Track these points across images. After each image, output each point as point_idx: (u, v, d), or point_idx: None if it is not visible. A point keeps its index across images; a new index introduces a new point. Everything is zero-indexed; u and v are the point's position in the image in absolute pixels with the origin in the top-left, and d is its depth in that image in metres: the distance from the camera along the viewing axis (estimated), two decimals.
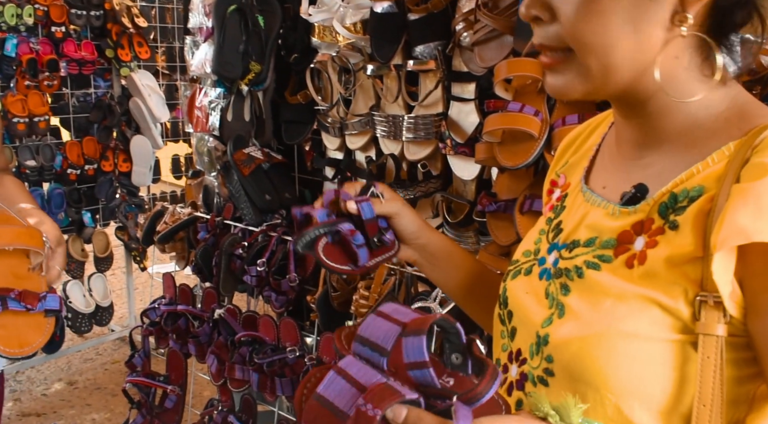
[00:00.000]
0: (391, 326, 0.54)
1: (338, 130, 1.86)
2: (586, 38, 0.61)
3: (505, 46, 1.43)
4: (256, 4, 1.92)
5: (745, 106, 0.63)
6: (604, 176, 0.73)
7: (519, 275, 0.78)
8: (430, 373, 0.51)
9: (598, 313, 0.63)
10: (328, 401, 0.52)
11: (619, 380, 0.59)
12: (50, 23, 3.22)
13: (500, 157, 1.30)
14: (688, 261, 0.58)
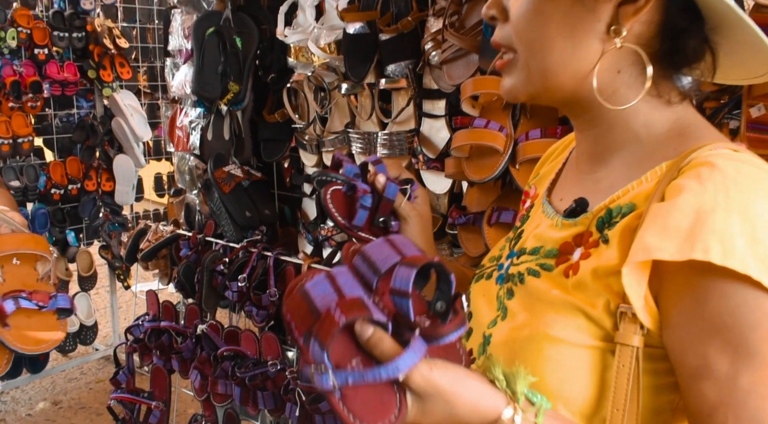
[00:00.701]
0: (393, 253, 0.58)
1: (315, 147, 1.90)
2: (527, 39, 0.66)
3: (472, 64, 1.48)
4: (234, 26, 1.97)
5: (687, 129, 0.66)
6: (563, 189, 0.77)
7: (481, 279, 0.82)
8: (407, 303, 0.55)
9: (531, 317, 0.66)
10: (310, 297, 0.55)
11: (544, 382, 0.62)
12: (33, 45, 3.26)
13: (468, 172, 1.35)
14: (612, 274, 0.60)
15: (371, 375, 0.53)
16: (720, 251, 0.53)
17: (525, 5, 0.65)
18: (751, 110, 1.27)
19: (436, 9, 1.58)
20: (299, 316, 0.56)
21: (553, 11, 0.64)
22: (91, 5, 3.41)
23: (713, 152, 0.60)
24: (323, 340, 0.52)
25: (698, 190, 0.56)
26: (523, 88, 0.69)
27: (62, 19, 3.35)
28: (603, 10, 0.63)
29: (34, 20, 3.27)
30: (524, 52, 0.67)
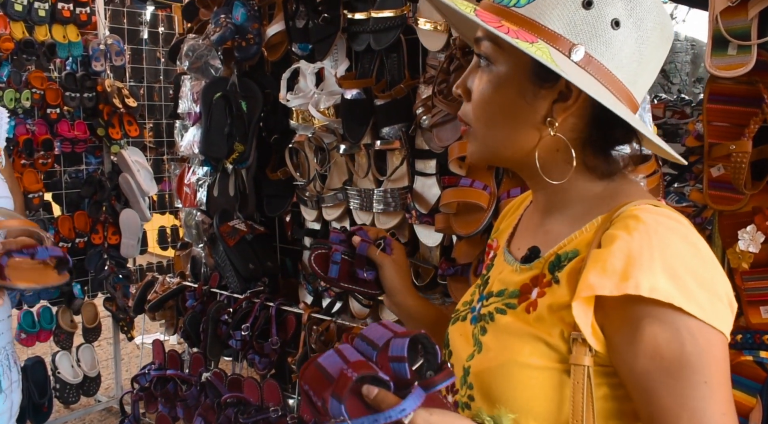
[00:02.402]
0: (387, 332, 0.71)
1: (315, 203, 2.03)
2: (480, 119, 0.80)
3: (459, 128, 1.60)
4: (240, 91, 2.12)
5: (618, 188, 0.81)
6: (520, 240, 0.91)
7: (457, 321, 0.94)
8: (404, 366, 0.67)
9: (503, 348, 0.79)
10: (323, 367, 0.68)
11: (516, 400, 0.75)
12: (46, 105, 3.41)
13: (455, 227, 1.47)
14: (564, 308, 0.74)
15: (382, 417, 0.65)
16: (648, 286, 0.66)
17: (481, 92, 0.79)
18: (712, 170, 1.40)
19: (427, 77, 1.73)
20: (315, 384, 0.68)
21: (501, 101, 0.78)
22: (102, 67, 3.58)
23: (638, 207, 0.73)
24: (340, 394, 0.65)
25: (627, 239, 0.69)
26: (478, 155, 0.83)
27: (74, 80, 3.51)
28: (540, 105, 0.77)
29: (48, 81, 3.44)
30: (478, 129, 0.81)
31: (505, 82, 0.77)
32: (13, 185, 1.29)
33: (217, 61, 2.15)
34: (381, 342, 0.70)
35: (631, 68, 0.75)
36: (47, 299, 3.51)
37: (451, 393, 0.87)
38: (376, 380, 0.68)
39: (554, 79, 0.74)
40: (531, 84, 0.76)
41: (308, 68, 1.97)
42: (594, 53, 0.73)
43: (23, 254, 1.02)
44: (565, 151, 0.79)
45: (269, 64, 2.17)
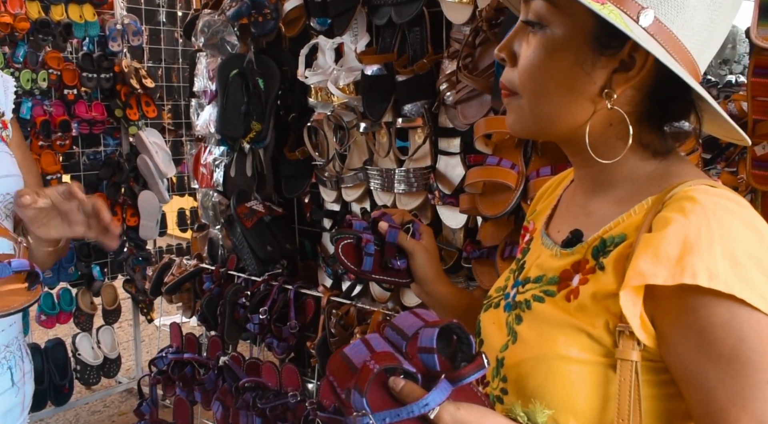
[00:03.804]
0: (417, 321, 0.67)
1: (335, 183, 1.97)
2: (529, 88, 0.73)
3: (485, 104, 1.55)
4: (257, 68, 2.06)
5: (671, 168, 0.74)
6: (560, 222, 0.84)
7: (489, 308, 0.88)
8: (433, 358, 0.63)
9: (540, 339, 0.73)
10: (348, 358, 0.65)
11: (555, 396, 0.69)
12: (63, 86, 3.39)
13: (481, 208, 1.40)
14: (609, 297, 0.67)
15: (405, 412, 0.61)
16: (706, 276, 0.60)
17: (532, 57, 0.72)
18: (756, 149, 1.31)
19: (451, 52, 1.66)
20: (340, 375, 0.65)
21: (555, 68, 0.70)
22: (119, 47, 3.54)
23: (694, 187, 0.67)
24: (361, 387, 0.60)
25: (683, 223, 0.63)
26: (522, 126, 0.76)
27: (91, 60, 3.48)
28: (598, 74, 0.69)
29: (64, 62, 3.41)
30: (525, 98, 0.74)
31: (561, 48, 0.70)
32: (25, 162, 1.19)
33: (233, 37, 2.08)
34: (411, 332, 0.66)
35: (701, 37, 0.68)
36: (67, 280, 3.51)
37: (482, 385, 0.81)
38: (403, 372, 0.63)
39: (618, 45, 0.68)
40: (590, 50, 0.69)
41: (327, 44, 1.90)
42: (664, 18, 0.66)
43: None
44: (620, 126, 0.72)
45: (287, 40, 2.11)
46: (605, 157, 0.73)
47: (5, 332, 1.13)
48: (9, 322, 1.11)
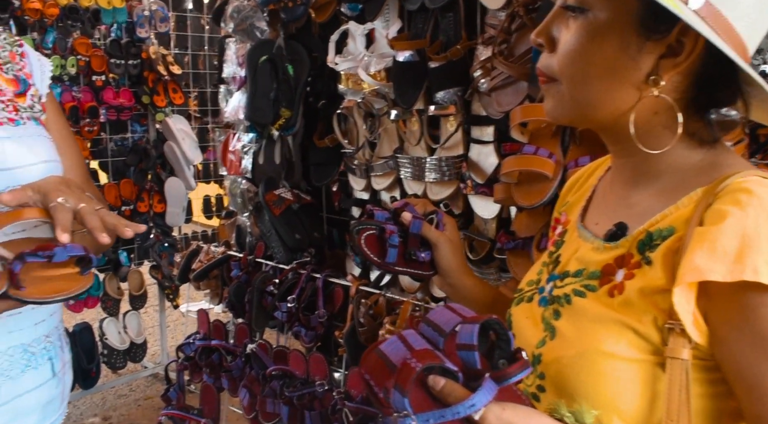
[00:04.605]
0: (454, 316, 0.64)
1: (364, 171, 1.95)
2: (569, 74, 0.70)
3: (521, 91, 1.51)
4: (286, 54, 2.04)
5: (719, 158, 0.71)
6: (597, 214, 0.82)
7: (522, 302, 0.86)
8: (474, 355, 0.61)
9: (582, 335, 0.70)
10: (385, 355, 0.62)
11: (598, 395, 0.66)
12: (91, 72, 3.41)
13: (517, 197, 1.37)
14: (658, 293, 0.65)
15: (450, 413, 0.58)
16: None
17: (573, 43, 0.69)
18: None
19: (486, 38, 1.62)
20: (377, 373, 0.63)
21: (598, 54, 0.68)
22: (146, 33, 3.54)
23: (747, 179, 0.64)
24: (403, 386, 0.58)
25: (740, 215, 0.60)
26: (562, 113, 0.74)
27: (119, 47, 3.49)
28: (645, 60, 0.67)
29: (93, 48, 3.42)
30: (565, 84, 0.71)
31: (604, 33, 0.67)
32: (64, 144, 1.15)
33: (262, 22, 2.06)
34: (448, 328, 0.63)
35: (750, 20, 0.65)
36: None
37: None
38: (444, 370, 0.60)
39: (665, 30, 0.65)
40: (636, 35, 0.66)
41: (358, 30, 1.87)
42: (714, 0, 0.63)
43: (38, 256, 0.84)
44: (666, 114, 0.69)
45: (317, 26, 2.08)
46: (650, 147, 0.70)
47: (46, 321, 1.12)
48: (50, 311, 1.10)
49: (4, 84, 1.09)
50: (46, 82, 1.17)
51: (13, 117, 1.07)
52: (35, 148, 1.07)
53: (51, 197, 0.89)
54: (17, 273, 0.82)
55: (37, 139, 1.09)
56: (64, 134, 1.19)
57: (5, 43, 1.14)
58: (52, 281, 0.86)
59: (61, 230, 0.85)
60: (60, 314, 1.17)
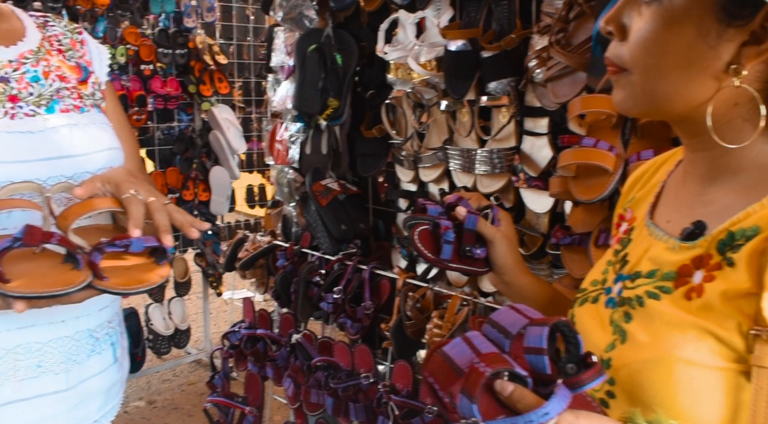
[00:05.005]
0: (521, 318, 0.61)
1: (412, 163, 1.92)
2: (642, 64, 0.66)
3: (579, 82, 1.46)
4: (335, 44, 2.02)
5: None
6: (668, 211, 0.77)
7: (586, 303, 0.82)
8: (544, 359, 0.58)
9: (657, 340, 0.66)
10: (450, 357, 0.60)
11: (676, 404, 0.63)
12: (139, 62, 3.45)
13: (575, 191, 1.33)
14: (742, 297, 0.61)
15: (521, 421, 0.55)
16: None
17: (646, 31, 0.65)
18: None
19: (541, 26, 1.57)
20: (441, 376, 0.60)
21: (674, 43, 0.64)
22: (193, 23, 3.57)
23: None
24: (471, 392, 0.56)
25: None
26: (633, 105, 0.70)
27: (167, 36, 3.53)
28: (725, 48, 0.62)
29: (141, 38, 3.46)
30: (637, 75, 0.67)
31: (680, 19, 0.63)
32: (122, 132, 1.16)
33: (311, 11, 2.05)
34: (514, 330, 0.60)
35: None
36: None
37: None
38: (512, 375, 0.58)
39: (749, 15, 0.60)
40: (716, 21, 0.61)
41: (408, 18, 1.84)
42: None
43: (116, 246, 0.84)
44: (748, 105, 0.65)
45: (366, 15, 2.05)
46: (728, 141, 0.66)
47: (109, 308, 1.13)
48: (111, 298, 1.11)
49: (68, 71, 1.10)
50: (104, 70, 1.18)
51: (78, 104, 1.08)
52: (99, 136, 1.08)
53: (123, 189, 0.90)
54: (98, 264, 0.82)
55: (100, 127, 1.09)
56: (122, 122, 1.20)
57: (66, 30, 1.14)
58: (130, 271, 0.86)
59: (134, 225, 0.86)
60: (119, 301, 1.18)
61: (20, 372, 1.00)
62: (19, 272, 0.82)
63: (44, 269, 0.84)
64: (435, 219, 0.96)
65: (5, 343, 0.99)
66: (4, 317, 0.97)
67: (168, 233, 0.89)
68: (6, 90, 1.00)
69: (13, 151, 0.97)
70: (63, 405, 1.06)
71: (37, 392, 1.02)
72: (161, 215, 0.90)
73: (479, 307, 1.62)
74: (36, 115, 1.02)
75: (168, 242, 0.89)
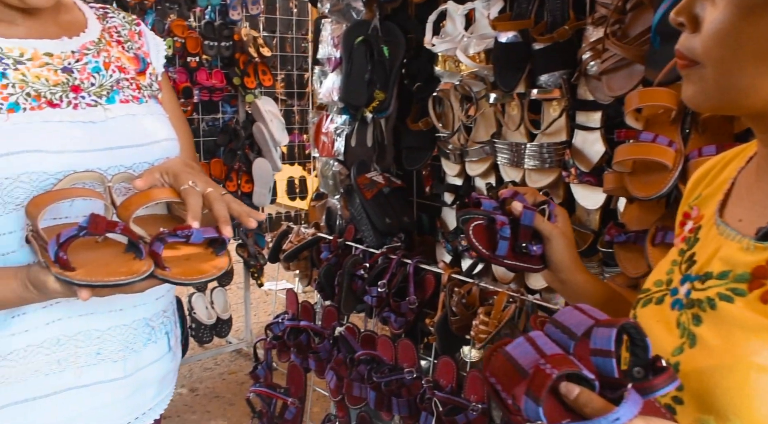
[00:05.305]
0: (586, 318, 0.59)
1: (458, 156, 1.90)
2: (717, 57, 0.63)
3: (635, 75, 1.42)
4: (382, 35, 2.01)
5: None
6: (740, 210, 0.74)
7: (650, 304, 0.79)
8: (612, 362, 0.56)
9: (730, 345, 0.63)
10: (513, 358, 0.58)
11: (752, 412, 0.60)
12: (186, 54, 3.49)
13: (631, 188, 1.29)
14: None
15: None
16: None
17: (722, 21, 0.62)
18: None
19: (596, 17, 1.53)
20: (504, 377, 0.59)
21: (751, 33, 0.61)
22: (239, 16, 3.60)
23: None
24: (537, 395, 0.54)
25: None
26: (705, 100, 0.67)
27: (212, 29, 3.56)
28: None
29: (188, 30, 3.50)
30: (711, 68, 0.64)
31: (760, 9, 0.60)
32: (177, 123, 1.16)
33: (358, 2, 2.03)
34: (579, 330, 0.58)
35: None
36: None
37: None
38: (577, 377, 0.56)
39: None
40: None
41: (457, 10, 1.81)
42: None
43: (177, 237, 0.84)
44: None
45: (413, 6, 2.03)
46: None
47: (164, 297, 1.14)
48: (167, 287, 1.12)
49: (127, 62, 1.10)
50: (161, 61, 1.19)
51: (137, 95, 1.09)
52: (157, 127, 1.09)
53: (181, 180, 0.91)
54: (160, 254, 0.82)
55: (158, 118, 1.10)
56: (177, 114, 1.20)
57: (124, 21, 1.15)
58: (190, 262, 0.86)
59: (192, 217, 0.87)
60: (174, 291, 1.19)
61: (80, 359, 1.02)
62: (83, 260, 0.83)
63: (107, 258, 0.85)
64: (490, 214, 0.95)
65: (67, 329, 1.00)
66: (67, 304, 0.99)
67: (227, 223, 0.89)
68: (69, 80, 1.01)
69: (76, 141, 0.98)
70: (121, 393, 1.07)
71: (96, 379, 1.04)
72: (220, 206, 0.90)
73: (527, 304, 1.59)
74: (97, 106, 1.03)
75: (227, 233, 0.89)
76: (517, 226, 0.94)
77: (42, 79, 0.98)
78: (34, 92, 0.96)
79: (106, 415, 1.06)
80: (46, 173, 0.93)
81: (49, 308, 0.98)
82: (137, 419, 1.12)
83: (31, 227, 0.90)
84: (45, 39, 1.02)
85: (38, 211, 0.87)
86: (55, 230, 0.83)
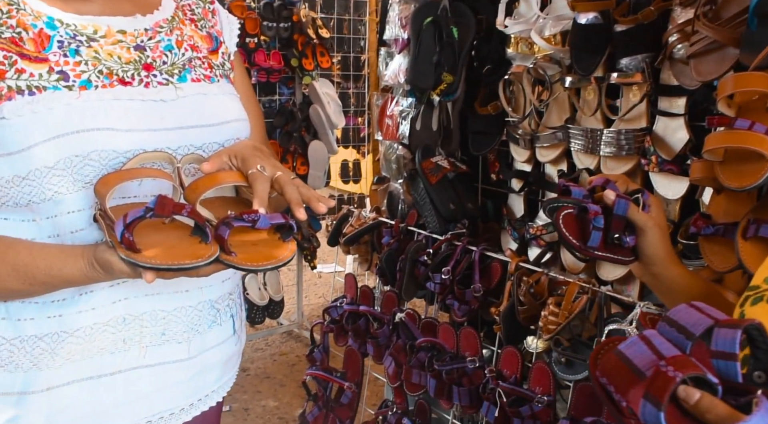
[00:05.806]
0: (703, 317, 0.56)
1: (528, 142, 1.84)
2: None
3: (727, 59, 1.34)
4: (451, 16, 1.95)
5: None
6: None
7: (760, 302, 0.74)
8: (735, 366, 0.52)
9: None
10: (627, 358, 0.55)
11: None
12: (245, 34, 3.49)
13: (723, 178, 1.21)
14: None
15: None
16: None
17: None
18: None
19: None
20: (617, 378, 0.56)
21: None
22: None
23: None
24: (659, 399, 0.51)
25: None
26: None
27: (271, 9, 3.55)
28: None
29: (247, 11, 3.50)
30: None
31: None
32: (249, 104, 1.15)
33: None
34: (697, 330, 0.55)
35: None
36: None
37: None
38: (698, 381, 0.52)
39: None
40: None
41: None
42: None
43: (243, 221, 0.82)
44: None
45: None
46: None
47: (230, 280, 1.13)
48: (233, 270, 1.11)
49: (200, 41, 1.09)
50: (234, 41, 1.17)
51: (209, 74, 1.07)
52: (228, 106, 1.07)
53: (249, 163, 0.90)
54: (226, 238, 0.81)
55: (229, 97, 1.08)
56: (248, 94, 1.19)
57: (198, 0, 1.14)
58: (257, 247, 0.84)
59: (259, 203, 0.85)
60: (239, 274, 1.18)
61: (146, 339, 1.02)
62: (149, 242, 0.81)
63: (173, 241, 0.83)
64: (581, 202, 0.91)
65: (133, 309, 1.00)
66: (133, 284, 0.99)
67: (300, 206, 0.87)
68: (142, 58, 1.00)
69: (146, 119, 0.97)
70: (184, 374, 1.06)
71: (160, 360, 1.03)
72: (292, 189, 0.88)
73: (599, 295, 1.53)
74: (169, 84, 1.01)
75: (301, 215, 0.87)
76: (610, 215, 0.90)
77: (115, 56, 0.97)
78: (106, 70, 0.95)
79: (169, 396, 1.06)
80: (115, 152, 0.92)
81: (116, 287, 0.98)
82: (200, 401, 1.11)
83: (99, 205, 0.89)
84: (119, 16, 1.01)
85: (107, 190, 0.86)
86: (122, 210, 0.82)
